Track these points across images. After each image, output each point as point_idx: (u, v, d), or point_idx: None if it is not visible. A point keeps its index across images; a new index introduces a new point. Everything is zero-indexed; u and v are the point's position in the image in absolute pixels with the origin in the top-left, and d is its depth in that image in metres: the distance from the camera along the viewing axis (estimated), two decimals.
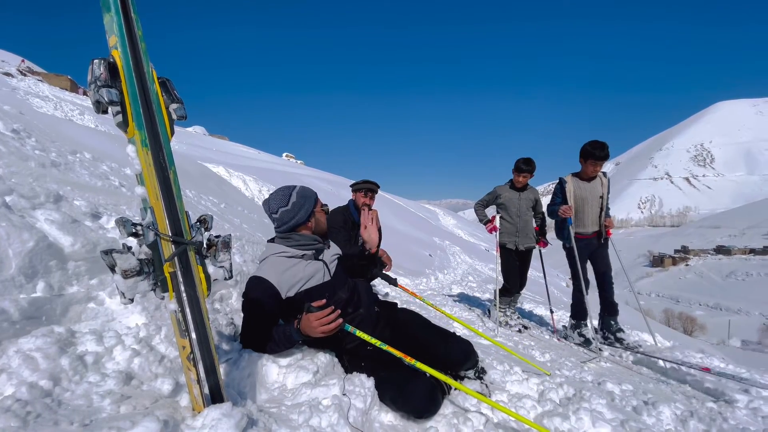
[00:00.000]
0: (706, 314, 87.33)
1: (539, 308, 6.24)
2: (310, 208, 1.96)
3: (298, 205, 1.93)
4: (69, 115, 21.62)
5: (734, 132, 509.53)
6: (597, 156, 3.78)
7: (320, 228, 2.02)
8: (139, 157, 1.03)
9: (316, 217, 2.02)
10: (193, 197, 5.19)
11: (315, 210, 2.00)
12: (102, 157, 4.26)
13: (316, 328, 1.63)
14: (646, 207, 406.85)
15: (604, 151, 3.76)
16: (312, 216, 1.99)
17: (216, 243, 1.19)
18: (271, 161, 39.68)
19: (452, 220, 40.40)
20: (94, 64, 1.01)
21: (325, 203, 2.11)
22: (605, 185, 3.98)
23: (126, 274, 1.00)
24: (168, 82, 1.13)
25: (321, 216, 2.03)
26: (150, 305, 1.67)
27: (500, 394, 2.02)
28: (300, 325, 1.67)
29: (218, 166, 13.76)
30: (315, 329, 1.64)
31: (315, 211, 2.00)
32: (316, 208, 2.01)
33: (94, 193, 2.72)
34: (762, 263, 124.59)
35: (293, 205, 1.91)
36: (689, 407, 2.30)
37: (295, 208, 1.91)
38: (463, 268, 12.36)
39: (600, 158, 3.79)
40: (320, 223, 2.03)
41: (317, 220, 2.02)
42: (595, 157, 3.79)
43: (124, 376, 1.31)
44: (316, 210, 2.00)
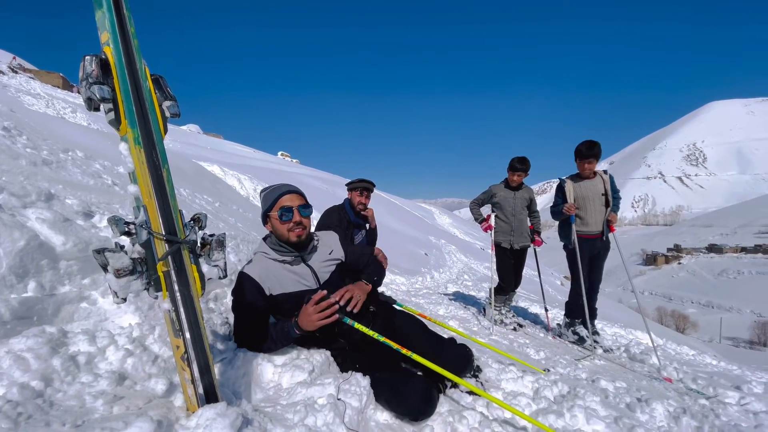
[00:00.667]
0: (698, 312, 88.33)
1: (534, 306, 6.28)
2: (262, 213, 1.86)
3: (261, 208, 1.86)
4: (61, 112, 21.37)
5: (726, 132, 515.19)
6: (584, 154, 3.81)
7: (279, 236, 1.85)
8: (132, 155, 1.02)
9: (272, 223, 1.85)
10: (187, 196, 5.15)
11: (270, 214, 1.83)
12: (94, 156, 4.21)
13: (313, 319, 1.63)
14: (639, 206, 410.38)
15: (592, 150, 3.78)
16: (267, 221, 1.87)
17: (210, 242, 1.18)
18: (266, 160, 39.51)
19: (448, 219, 40.49)
20: (86, 61, 1.00)
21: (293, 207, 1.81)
22: (607, 182, 3.96)
23: (118, 273, 0.99)
24: (161, 79, 1.12)
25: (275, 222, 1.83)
26: (143, 305, 1.66)
27: (495, 392, 2.03)
28: (298, 319, 1.67)
29: (213, 165, 13.67)
30: (313, 321, 1.63)
31: (270, 216, 1.84)
32: (271, 213, 1.82)
33: (86, 191, 2.69)
34: (753, 262, 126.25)
35: (262, 204, 1.88)
36: (682, 404, 2.32)
37: (264, 208, 1.87)
38: (458, 266, 12.39)
39: (586, 156, 3.80)
40: (275, 230, 1.85)
41: (273, 226, 1.85)
42: (582, 156, 3.83)
43: (117, 376, 1.30)
44: (270, 215, 1.83)
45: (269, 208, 1.82)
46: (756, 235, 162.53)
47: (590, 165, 3.87)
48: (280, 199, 1.81)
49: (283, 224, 1.80)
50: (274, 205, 1.81)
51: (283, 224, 1.80)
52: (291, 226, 1.81)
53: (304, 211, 1.84)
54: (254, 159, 33.78)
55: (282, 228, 1.82)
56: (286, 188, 1.86)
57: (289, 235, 1.82)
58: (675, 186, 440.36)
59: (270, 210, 1.82)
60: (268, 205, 1.83)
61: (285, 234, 1.82)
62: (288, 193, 1.83)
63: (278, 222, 1.81)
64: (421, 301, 5.33)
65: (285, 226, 1.81)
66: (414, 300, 5.35)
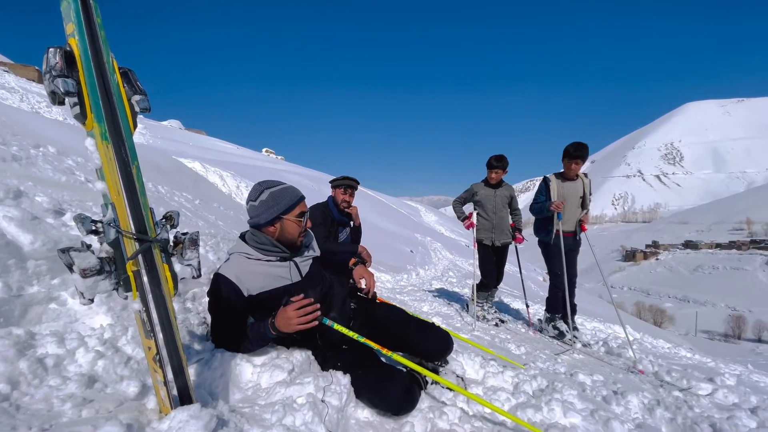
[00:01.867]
0: (674, 306, 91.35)
1: (516, 302, 6.37)
2: (275, 214, 1.80)
3: (265, 206, 1.79)
4: (36, 107, 20.63)
5: (702, 132, 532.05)
6: (572, 155, 3.89)
7: (285, 237, 1.84)
8: (99, 151, 0.98)
9: (283, 225, 1.83)
10: (165, 193, 5.03)
11: (285, 217, 1.81)
12: (67, 152, 4.07)
13: (293, 321, 1.61)
14: (619, 203, 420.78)
15: (580, 151, 3.88)
16: (276, 222, 1.83)
17: (183, 240, 1.15)
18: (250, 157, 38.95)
19: (434, 217, 40.71)
20: (50, 53, 0.96)
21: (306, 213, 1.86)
22: (587, 185, 4.08)
23: (85, 273, 0.96)
24: (130, 72, 1.08)
25: (290, 225, 1.82)
26: (116, 305, 1.61)
27: (476, 388, 2.05)
28: (275, 320, 1.64)
29: (194, 162, 13.39)
30: (292, 323, 1.61)
31: (284, 218, 1.82)
32: (288, 216, 1.81)
33: (57, 188, 2.60)
34: (727, 257, 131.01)
35: (261, 204, 1.79)
36: (656, 396, 2.39)
37: (261, 207, 1.79)
38: (443, 263, 12.48)
39: (575, 157, 3.89)
40: (286, 232, 1.83)
41: (283, 228, 1.83)
42: (570, 156, 3.90)
43: (86, 379, 1.26)
44: (286, 217, 1.81)
45: (287, 211, 1.80)
46: (730, 232, 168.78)
47: (576, 166, 3.97)
48: (300, 204, 1.84)
49: (298, 228, 1.84)
50: (293, 209, 1.82)
51: (298, 228, 1.84)
52: (302, 231, 1.86)
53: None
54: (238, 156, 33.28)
55: (296, 232, 1.84)
56: (302, 193, 1.90)
57: (298, 240, 1.86)
58: (653, 184, 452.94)
59: (287, 213, 1.81)
60: (287, 207, 1.80)
61: (296, 238, 1.85)
62: (304, 198, 1.89)
63: (297, 226, 1.83)
64: (405, 298, 5.35)
65: (298, 231, 1.84)
66: (399, 297, 5.37)
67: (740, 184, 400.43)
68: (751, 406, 2.34)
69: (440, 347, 1.97)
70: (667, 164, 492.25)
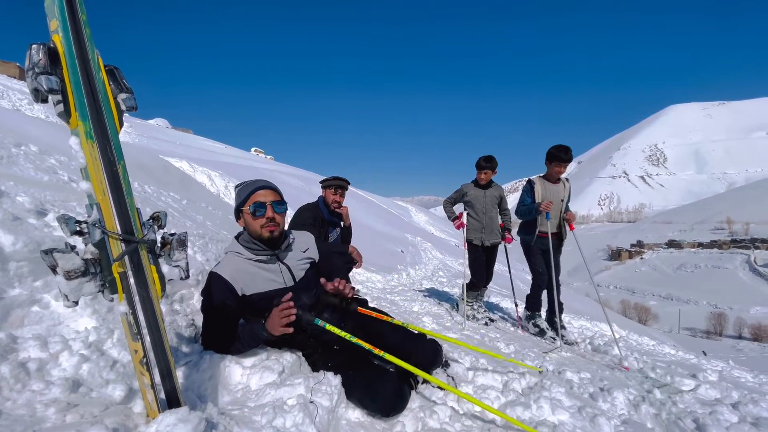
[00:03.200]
0: (658, 304, 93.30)
1: (505, 301, 6.43)
2: (234, 208, 1.81)
3: (235, 201, 1.81)
4: (17, 104, 20.09)
5: (685, 133, 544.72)
6: (561, 159, 3.95)
7: (249, 231, 1.81)
8: (84, 150, 0.96)
9: (245, 219, 1.79)
10: (152, 193, 4.94)
11: (243, 210, 1.78)
12: (50, 150, 3.97)
13: (276, 324, 1.60)
14: (605, 203, 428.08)
15: (568, 155, 3.95)
16: (240, 216, 1.81)
17: (171, 241, 1.13)
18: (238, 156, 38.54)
19: (424, 217, 40.85)
20: (32, 50, 0.94)
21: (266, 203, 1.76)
22: (567, 189, 4.17)
23: (69, 275, 0.94)
24: (116, 70, 1.06)
25: (248, 218, 1.78)
26: (102, 307, 1.58)
27: (466, 387, 2.06)
28: (266, 323, 1.64)
29: (181, 161, 13.20)
30: (276, 325, 1.60)
31: (243, 211, 1.78)
32: (244, 208, 1.77)
33: (40, 188, 2.53)
34: (709, 256, 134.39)
35: (236, 199, 1.83)
36: (641, 392, 2.44)
37: (236, 203, 1.82)
38: (434, 263, 12.53)
39: (564, 161, 3.96)
40: (248, 226, 1.80)
41: (246, 222, 1.80)
42: (559, 160, 3.97)
43: (70, 383, 1.23)
44: (243, 210, 1.78)
45: (242, 203, 1.78)
46: (712, 231, 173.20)
47: (560, 169, 4.04)
48: (254, 194, 1.77)
49: (256, 220, 1.76)
50: (247, 200, 1.76)
51: (256, 220, 1.76)
52: (264, 222, 1.77)
53: (278, 208, 1.80)
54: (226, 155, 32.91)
55: (255, 224, 1.77)
56: (260, 183, 1.82)
57: (262, 231, 1.78)
58: (638, 185, 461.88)
59: (243, 205, 1.77)
60: (241, 199, 1.78)
61: (257, 230, 1.78)
62: (262, 188, 1.79)
63: (251, 217, 1.77)
64: (396, 298, 5.36)
65: (258, 222, 1.76)
66: (389, 297, 5.37)
67: (721, 185, 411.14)
68: (733, 401, 2.40)
69: (429, 357, 1.92)
70: (651, 165, 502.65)
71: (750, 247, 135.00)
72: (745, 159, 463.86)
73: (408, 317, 4.02)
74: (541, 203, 3.96)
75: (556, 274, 4.15)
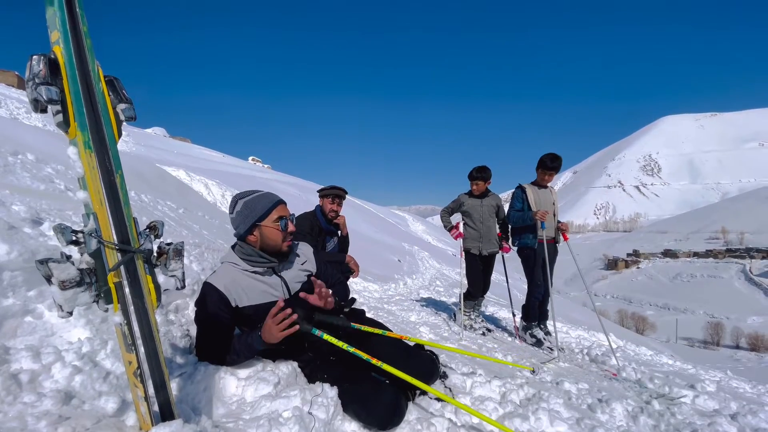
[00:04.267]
0: (655, 314, 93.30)
1: (502, 311, 6.41)
2: (251, 222, 1.78)
3: (242, 216, 1.78)
4: (15, 113, 20.09)
5: (678, 144, 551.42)
6: (547, 166, 4.04)
7: (267, 245, 1.80)
8: (82, 160, 0.97)
9: (262, 232, 1.79)
10: (149, 202, 4.93)
11: (262, 224, 1.78)
12: (47, 159, 3.96)
13: (273, 331, 1.58)
14: (601, 213, 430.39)
15: (555, 162, 4.03)
16: (255, 230, 1.80)
17: (167, 251, 1.13)
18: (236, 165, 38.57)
19: (421, 226, 40.89)
20: (33, 61, 0.95)
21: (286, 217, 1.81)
22: (555, 194, 4.26)
23: (64, 285, 0.93)
24: (116, 81, 1.07)
25: (270, 232, 1.78)
26: (95, 318, 1.56)
27: (464, 398, 2.04)
28: (261, 332, 1.63)
29: (179, 170, 13.19)
30: (274, 334, 1.59)
31: (262, 225, 1.78)
32: (264, 222, 1.78)
33: (36, 197, 2.52)
34: (705, 266, 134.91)
35: (237, 215, 1.79)
36: (640, 404, 2.43)
37: (238, 218, 1.79)
38: (431, 273, 12.50)
39: (549, 168, 4.03)
40: (267, 240, 1.80)
41: (263, 235, 1.80)
42: (545, 167, 4.05)
43: (63, 395, 1.21)
44: (263, 224, 1.78)
45: (262, 217, 1.77)
46: (707, 241, 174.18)
47: (549, 177, 4.13)
48: (278, 207, 1.80)
49: (282, 234, 1.79)
50: (270, 214, 1.77)
51: (282, 234, 1.79)
52: (285, 236, 1.80)
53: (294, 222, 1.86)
54: (223, 164, 32.93)
55: (278, 238, 1.79)
56: (278, 197, 1.86)
57: (282, 246, 1.81)
58: (633, 194, 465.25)
59: (263, 219, 1.77)
60: (262, 213, 1.77)
61: (278, 244, 1.80)
62: (282, 202, 1.84)
63: (276, 231, 1.78)
64: (393, 308, 5.33)
65: (282, 236, 1.79)
66: (386, 307, 5.34)
67: (715, 195, 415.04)
68: (731, 412, 2.40)
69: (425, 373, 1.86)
70: (645, 175, 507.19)
71: (745, 256, 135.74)
72: (737, 169, 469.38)
73: (405, 327, 4.00)
74: (538, 212, 3.98)
75: (550, 284, 4.18)
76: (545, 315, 4.34)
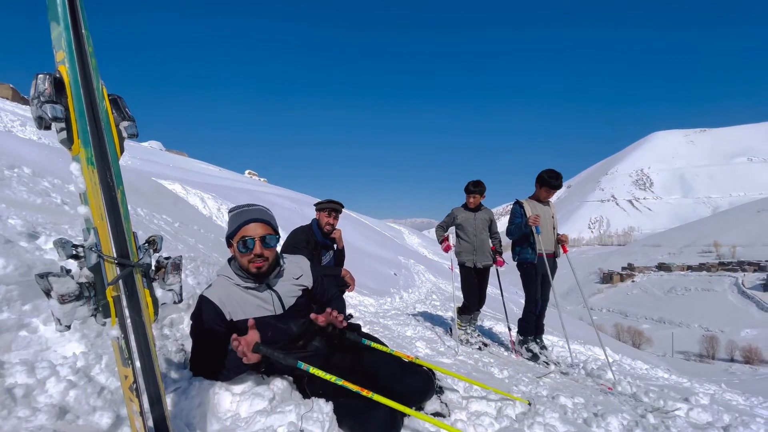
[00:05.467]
0: (651, 327, 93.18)
1: (498, 325, 6.39)
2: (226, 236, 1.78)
3: (228, 228, 1.79)
4: (9, 126, 20.05)
5: (669, 159, 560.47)
6: (551, 185, 4.10)
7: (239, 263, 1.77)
8: (84, 176, 0.99)
9: (235, 247, 1.74)
10: (144, 216, 4.92)
11: (232, 241, 1.74)
12: (43, 172, 3.97)
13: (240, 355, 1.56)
14: (595, 227, 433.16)
15: (558, 181, 4.13)
16: (230, 245, 1.77)
17: (165, 265, 1.14)
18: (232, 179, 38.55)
19: (417, 239, 40.83)
20: (38, 79, 0.97)
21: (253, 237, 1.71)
22: (553, 207, 4.31)
23: (63, 299, 0.94)
24: (119, 99, 1.10)
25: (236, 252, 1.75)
26: (90, 332, 1.55)
27: (459, 413, 2.03)
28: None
29: (174, 183, 13.16)
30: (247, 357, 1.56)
31: (233, 243, 1.74)
32: (233, 240, 1.72)
33: (32, 211, 2.52)
34: (698, 279, 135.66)
35: (228, 226, 1.81)
36: (635, 417, 2.43)
37: (227, 231, 1.81)
38: (427, 286, 12.45)
39: (554, 187, 4.11)
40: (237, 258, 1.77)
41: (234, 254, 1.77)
42: (550, 186, 4.12)
43: (57, 410, 1.20)
44: (233, 242, 1.73)
45: (231, 235, 1.75)
46: (699, 254, 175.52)
47: (549, 194, 4.19)
48: (243, 228, 1.71)
49: (243, 256, 1.73)
50: (236, 234, 1.72)
51: (243, 256, 1.73)
52: (251, 258, 1.72)
53: (267, 243, 1.74)
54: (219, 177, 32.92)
55: (242, 259, 1.74)
56: (251, 216, 1.75)
57: (249, 266, 1.75)
58: (626, 208, 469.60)
59: (232, 237, 1.75)
60: (231, 231, 1.75)
61: (245, 264, 1.75)
62: (252, 221, 1.73)
63: (238, 252, 1.74)
64: (389, 323, 5.30)
65: (245, 258, 1.73)
66: (382, 321, 5.31)
67: (706, 209, 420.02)
68: (724, 425, 2.41)
69: (420, 391, 1.87)
70: (638, 189, 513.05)
71: (737, 269, 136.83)
72: (727, 184, 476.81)
73: (401, 342, 3.98)
74: (530, 217, 4.04)
75: (547, 299, 4.21)
76: (541, 329, 4.36)
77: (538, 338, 4.32)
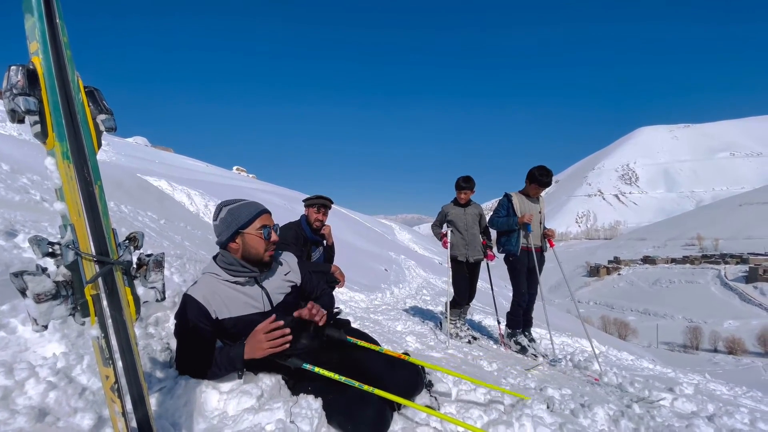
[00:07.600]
0: (637, 319, 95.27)
1: (488, 319, 6.46)
2: (234, 229, 1.76)
3: (225, 223, 1.77)
4: None
5: (654, 154, 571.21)
6: (542, 182, 4.17)
7: (248, 253, 1.78)
8: (59, 171, 0.95)
9: (245, 240, 1.77)
10: (129, 213, 4.82)
11: (245, 231, 1.76)
12: (22, 169, 3.85)
13: (264, 345, 1.57)
14: (582, 221, 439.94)
15: (549, 179, 4.20)
16: (237, 237, 1.78)
17: (147, 262, 1.11)
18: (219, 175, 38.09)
19: (408, 235, 40.99)
20: (11, 71, 0.94)
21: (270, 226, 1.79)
22: (542, 202, 4.36)
23: (39, 298, 0.91)
24: (96, 91, 1.07)
25: (252, 240, 1.76)
26: (71, 332, 1.52)
27: (449, 406, 2.04)
28: (247, 342, 1.61)
29: (160, 180, 12.93)
30: (263, 347, 1.57)
31: (245, 233, 1.77)
32: (248, 230, 1.76)
33: (10, 208, 2.45)
34: (682, 271, 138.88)
35: (221, 222, 1.77)
36: (621, 407, 2.47)
37: (222, 225, 1.77)
38: (417, 281, 12.51)
39: (543, 184, 4.17)
40: (249, 248, 1.77)
41: (245, 243, 1.78)
42: (540, 183, 4.18)
43: (36, 412, 1.17)
44: (246, 231, 1.76)
45: (245, 225, 1.75)
46: (683, 247, 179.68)
47: (538, 191, 4.26)
48: (262, 216, 1.79)
49: (264, 243, 1.77)
50: (253, 222, 1.76)
51: (264, 243, 1.77)
52: (267, 246, 1.78)
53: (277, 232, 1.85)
54: (207, 174, 32.47)
55: (261, 247, 1.77)
56: (262, 206, 1.84)
57: (264, 255, 1.79)
58: (612, 203, 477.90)
59: (246, 227, 1.75)
60: (246, 221, 1.76)
61: (260, 253, 1.78)
62: (267, 212, 1.83)
63: (259, 239, 1.76)
64: (380, 318, 5.31)
65: (264, 245, 1.77)
66: (373, 317, 5.32)
67: (690, 203, 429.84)
68: (708, 414, 2.46)
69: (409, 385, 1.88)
70: (624, 184, 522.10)
71: (720, 262, 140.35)
72: (710, 178, 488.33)
73: (391, 337, 3.99)
74: (524, 216, 4.09)
75: (535, 292, 4.26)
76: (530, 322, 4.42)
77: (526, 331, 4.38)
